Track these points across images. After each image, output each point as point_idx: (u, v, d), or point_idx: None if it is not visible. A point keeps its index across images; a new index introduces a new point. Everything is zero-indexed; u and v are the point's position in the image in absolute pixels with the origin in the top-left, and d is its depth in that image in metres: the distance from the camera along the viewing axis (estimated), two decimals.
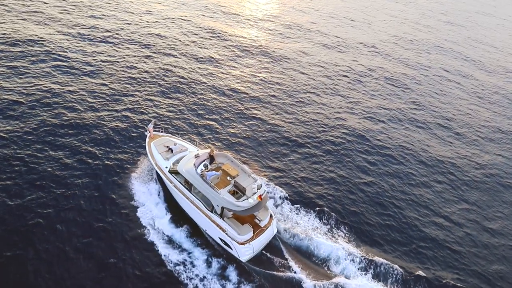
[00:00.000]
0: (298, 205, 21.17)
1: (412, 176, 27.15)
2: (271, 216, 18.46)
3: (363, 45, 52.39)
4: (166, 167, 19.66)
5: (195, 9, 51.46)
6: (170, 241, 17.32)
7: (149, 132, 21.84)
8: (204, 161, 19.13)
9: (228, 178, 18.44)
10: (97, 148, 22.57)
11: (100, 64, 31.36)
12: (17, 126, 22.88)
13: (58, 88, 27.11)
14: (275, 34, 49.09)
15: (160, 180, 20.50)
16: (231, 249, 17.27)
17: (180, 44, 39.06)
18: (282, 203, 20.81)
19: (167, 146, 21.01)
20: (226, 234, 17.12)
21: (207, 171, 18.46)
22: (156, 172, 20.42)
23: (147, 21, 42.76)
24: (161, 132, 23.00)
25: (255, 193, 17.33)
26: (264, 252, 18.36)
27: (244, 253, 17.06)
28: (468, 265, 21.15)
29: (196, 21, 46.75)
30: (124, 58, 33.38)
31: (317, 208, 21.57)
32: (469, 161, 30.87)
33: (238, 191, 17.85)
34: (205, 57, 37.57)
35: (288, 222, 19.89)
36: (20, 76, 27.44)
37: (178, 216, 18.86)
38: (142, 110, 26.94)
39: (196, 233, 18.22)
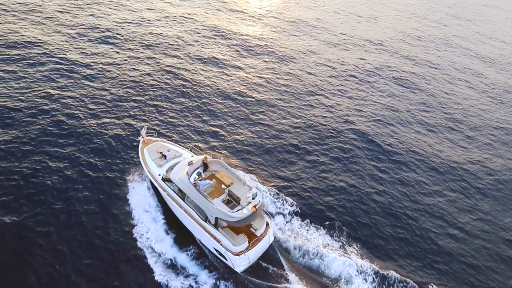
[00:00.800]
0: (308, 220, 20.28)
1: (424, 185, 26.18)
2: (267, 224, 17.86)
3: (370, 42, 50.97)
4: (159, 175, 19.06)
5: (198, 6, 50.04)
6: (174, 265, 16.42)
7: (142, 137, 21.22)
8: (197, 168, 18.62)
9: (223, 186, 17.91)
10: (97, 159, 21.65)
11: (101, 66, 30.27)
12: (14, 136, 21.96)
13: (57, 94, 26.11)
14: (280, 32, 47.71)
15: (154, 188, 19.81)
16: (226, 259, 16.77)
17: (183, 43, 37.84)
18: (291, 219, 19.92)
19: (161, 152, 20.34)
20: (221, 244, 16.61)
21: (200, 180, 17.87)
22: (150, 180, 19.73)
23: (148, 20, 41.47)
24: (155, 137, 22.26)
25: (250, 202, 16.79)
26: (271, 267, 17.60)
27: (239, 264, 16.53)
28: (485, 281, 20.31)
29: (199, 18, 45.40)
30: (125, 60, 32.26)
31: (327, 223, 20.70)
32: (482, 166, 29.85)
33: (233, 200, 17.29)
34: (209, 57, 36.38)
35: (299, 238, 19.04)
36: (18, 81, 26.42)
37: (181, 236, 17.98)
38: (144, 117, 25.95)
39: (203, 255, 17.39)
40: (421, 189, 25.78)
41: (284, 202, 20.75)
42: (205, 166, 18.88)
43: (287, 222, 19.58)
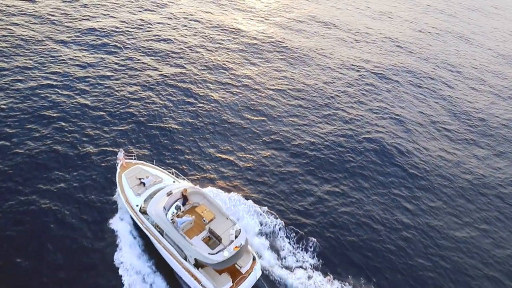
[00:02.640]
0: (331, 275, 17.91)
1: (454, 217, 23.79)
2: (254, 259, 16.24)
3: (386, 43, 47.74)
4: (137, 205, 17.37)
5: (202, 5, 46.71)
6: None
7: (120, 161, 19.31)
8: (176, 201, 17.10)
9: (204, 220, 16.54)
10: (94, 198, 19.26)
11: (97, 82, 27.54)
12: (0, 169, 19.56)
13: (49, 117, 23.54)
14: (290, 33, 44.52)
15: (132, 219, 17.93)
16: None
17: (187, 50, 34.91)
18: (313, 272, 17.62)
19: (139, 179, 18.54)
20: (201, 285, 15.08)
21: (177, 216, 16.28)
22: (128, 211, 17.80)
23: (150, 22, 38.37)
24: (134, 159, 20.23)
25: (232, 241, 15.29)
26: None
27: None
28: None
29: (204, 20, 42.21)
30: (125, 72, 29.48)
31: (351, 276, 18.39)
32: None
33: (214, 238, 15.87)
34: (215, 65, 33.52)
35: None
36: (3, 101, 23.81)
37: None
38: (148, 144, 23.40)
39: None
40: (452, 222, 23.42)
41: (305, 252, 18.45)
42: (184, 198, 17.37)
43: (309, 277, 17.28)
